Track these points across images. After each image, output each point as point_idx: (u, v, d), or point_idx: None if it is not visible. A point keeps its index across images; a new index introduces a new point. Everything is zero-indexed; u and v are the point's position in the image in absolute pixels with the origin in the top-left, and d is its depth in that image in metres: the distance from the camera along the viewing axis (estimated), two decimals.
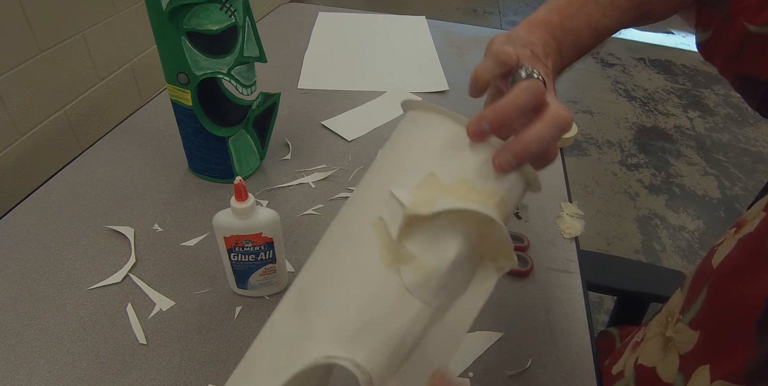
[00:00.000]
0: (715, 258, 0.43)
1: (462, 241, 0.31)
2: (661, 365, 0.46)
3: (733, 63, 0.43)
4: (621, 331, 0.71)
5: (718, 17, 0.43)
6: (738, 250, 0.40)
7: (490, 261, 0.33)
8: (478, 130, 0.31)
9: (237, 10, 0.61)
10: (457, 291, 0.32)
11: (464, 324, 0.32)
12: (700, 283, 0.44)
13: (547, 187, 0.78)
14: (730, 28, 0.42)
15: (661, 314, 0.49)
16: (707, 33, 0.44)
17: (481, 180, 0.31)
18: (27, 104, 0.92)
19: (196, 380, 0.50)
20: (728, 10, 0.42)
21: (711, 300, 0.41)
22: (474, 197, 0.31)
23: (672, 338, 0.45)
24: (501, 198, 0.31)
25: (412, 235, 0.30)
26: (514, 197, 0.33)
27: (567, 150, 0.89)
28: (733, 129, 2.54)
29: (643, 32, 3.55)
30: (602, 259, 0.96)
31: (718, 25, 0.43)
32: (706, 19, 0.44)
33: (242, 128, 0.71)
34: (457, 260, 0.30)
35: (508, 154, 0.31)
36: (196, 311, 0.57)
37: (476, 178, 0.31)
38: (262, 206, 0.52)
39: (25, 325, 0.54)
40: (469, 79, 0.35)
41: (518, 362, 0.54)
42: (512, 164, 0.31)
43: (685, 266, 1.77)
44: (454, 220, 0.30)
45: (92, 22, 1.04)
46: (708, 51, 0.46)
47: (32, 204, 0.69)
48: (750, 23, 0.40)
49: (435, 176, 0.30)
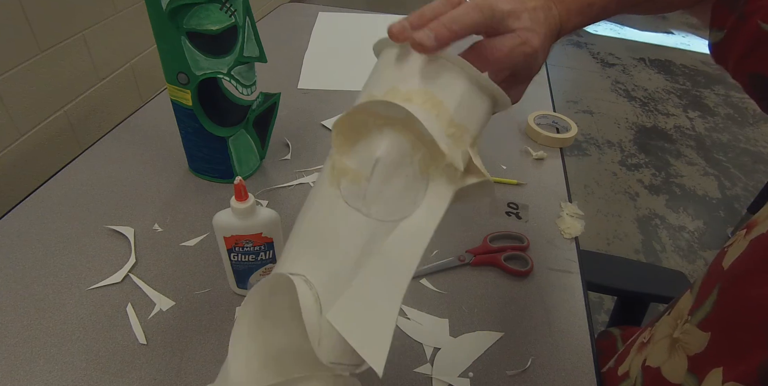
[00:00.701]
0: (726, 260, 0.43)
1: (388, 143, 0.31)
2: (666, 365, 0.46)
3: (746, 62, 0.43)
4: (623, 332, 0.71)
5: (733, 16, 0.43)
6: (749, 252, 0.40)
7: (441, 176, 0.32)
8: (399, 28, 0.32)
9: (237, 10, 0.61)
10: (399, 203, 0.31)
11: (419, 241, 0.31)
12: (711, 284, 0.43)
13: (547, 187, 0.79)
14: (744, 27, 0.42)
15: (670, 316, 0.49)
16: (722, 32, 0.45)
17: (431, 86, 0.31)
18: (27, 104, 0.92)
19: (196, 380, 0.50)
20: (743, 9, 0.42)
21: (722, 302, 0.41)
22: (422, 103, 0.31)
23: (679, 339, 0.45)
24: (442, 101, 0.31)
25: (350, 150, 0.32)
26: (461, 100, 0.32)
27: (567, 150, 0.89)
28: (733, 129, 2.54)
29: (643, 32, 3.55)
30: (602, 259, 0.96)
31: (732, 24, 0.43)
32: (722, 19, 0.45)
33: (242, 128, 0.71)
34: (384, 162, 0.30)
35: (425, 29, 0.32)
36: (196, 311, 0.57)
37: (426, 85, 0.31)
38: (262, 206, 0.52)
39: (25, 325, 0.54)
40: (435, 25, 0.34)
41: (518, 362, 0.54)
42: (429, 37, 0.32)
43: (685, 266, 1.77)
44: (381, 126, 0.31)
45: (92, 22, 1.04)
46: (721, 51, 0.46)
47: (32, 204, 0.69)
48: (764, 22, 0.40)
49: (395, 88, 0.31)
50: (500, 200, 0.76)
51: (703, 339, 0.42)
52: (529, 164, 0.84)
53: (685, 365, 0.44)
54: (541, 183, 0.80)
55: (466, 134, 0.32)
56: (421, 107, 0.30)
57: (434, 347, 0.55)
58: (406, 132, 0.31)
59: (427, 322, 0.58)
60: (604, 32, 3.52)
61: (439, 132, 0.30)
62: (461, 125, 0.32)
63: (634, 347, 0.55)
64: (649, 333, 0.54)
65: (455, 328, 0.57)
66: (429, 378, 0.52)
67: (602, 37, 3.44)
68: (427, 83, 0.31)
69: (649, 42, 3.41)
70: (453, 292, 0.62)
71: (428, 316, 0.58)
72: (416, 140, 0.31)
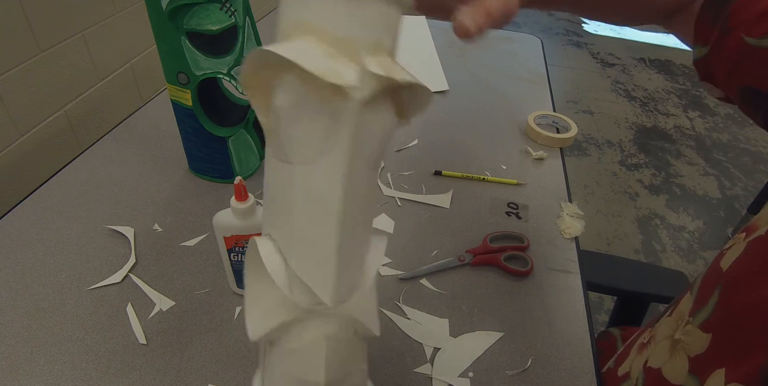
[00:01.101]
0: (724, 261, 0.43)
1: (283, 89, 0.29)
2: (667, 366, 0.46)
3: (734, 77, 0.43)
4: (623, 332, 0.71)
5: (717, 31, 0.43)
6: (748, 253, 0.40)
7: (340, 101, 0.29)
8: None
9: (237, 10, 0.61)
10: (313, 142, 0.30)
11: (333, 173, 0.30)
12: (711, 286, 0.44)
13: (547, 187, 0.79)
14: (728, 41, 0.42)
15: (671, 317, 0.49)
16: (705, 48, 0.44)
17: (305, 14, 0.29)
18: (27, 104, 0.92)
19: (196, 380, 0.50)
20: (726, 23, 0.42)
21: (723, 303, 0.41)
22: (302, 33, 0.29)
23: (680, 340, 0.45)
24: (307, 21, 0.28)
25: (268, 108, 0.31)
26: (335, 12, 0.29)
27: (567, 150, 0.89)
28: (733, 129, 2.54)
29: (643, 32, 3.55)
30: (602, 259, 0.96)
31: (716, 38, 0.43)
32: (705, 34, 0.44)
33: (242, 128, 0.71)
34: (282, 108, 0.29)
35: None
36: (196, 311, 0.57)
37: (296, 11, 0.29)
38: (262, 206, 0.52)
39: (25, 325, 0.54)
40: None
41: (518, 362, 0.54)
42: None
43: (685, 266, 1.77)
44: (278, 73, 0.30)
45: (92, 22, 1.04)
46: (706, 67, 0.45)
47: (32, 204, 0.69)
48: (748, 35, 0.40)
49: (283, 30, 0.30)
50: (500, 200, 0.76)
51: (704, 340, 0.42)
52: (529, 164, 0.84)
53: (686, 366, 0.44)
54: (541, 183, 0.80)
55: (357, 46, 0.29)
56: (297, 40, 0.28)
57: (434, 347, 0.55)
58: (295, 70, 0.28)
59: (427, 322, 0.58)
60: (604, 32, 3.52)
61: (312, 58, 0.27)
62: (346, 38, 0.28)
63: (635, 347, 0.55)
64: (649, 333, 0.54)
65: (455, 328, 0.57)
66: (429, 378, 0.52)
67: (602, 37, 3.44)
68: (296, 9, 0.29)
69: (649, 42, 3.42)
70: (453, 292, 0.62)
71: (428, 316, 0.58)
72: (303, 75, 0.28)
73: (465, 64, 1.11)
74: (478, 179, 0.79)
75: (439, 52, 1.14)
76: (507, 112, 0.97)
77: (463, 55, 1.15)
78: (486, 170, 0.81)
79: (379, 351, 0.54)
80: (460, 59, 1.13)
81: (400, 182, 0.78)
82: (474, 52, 1.17)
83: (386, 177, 0.78)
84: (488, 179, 0.79)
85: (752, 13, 0.41)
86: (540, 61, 1.18)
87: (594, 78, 2.93)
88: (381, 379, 0.52)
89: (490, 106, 0.98)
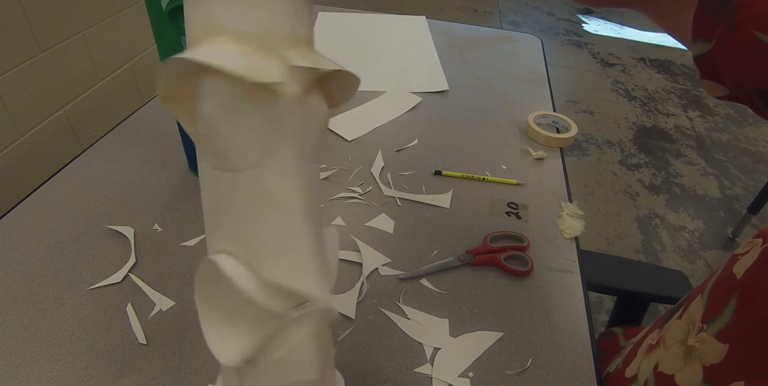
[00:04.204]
0: (737, 267, 0.42)
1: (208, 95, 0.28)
2: (680, 374, 0.45)
3: (744, 78, 0.38)
4: (625, 331, 0.71)
5: (721, 26, 0.38)
6: (766, 263, 0.39)
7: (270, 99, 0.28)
8: None
9: None
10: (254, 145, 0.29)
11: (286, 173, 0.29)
12: (724, 292, 0.42)
13: (547, 187, 0.79)
14: (735, 38, 0.37)
15: (681, 320, 0.48)
16: (708, 44, 0.39)
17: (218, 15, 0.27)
18: (27, 104, 0.92)
19: (196, 380, 0.50)
20: (733, 18, 0.37)
21: (740, 314, 0.40)
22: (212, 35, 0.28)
23: (695, 347, 0.44)
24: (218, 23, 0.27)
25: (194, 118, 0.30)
26: None
27: (567, 150, 0.89)
28: (733, 129, 2.54)
29: (643, 32, 3.55)
30: (602, 259, 0.96)
31: (721, 35, 0.38)
32: (706, 28, 0.39)
33: None
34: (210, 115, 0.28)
35: None
36: (196, 311, 0.57)
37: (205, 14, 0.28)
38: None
39: (25, 325, 0.54)
40: None
41: (518, 362, 0.54)
42: None
43: (685, 266, 1.77)
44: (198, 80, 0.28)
45: (92, 22, 1.04)
46: (709, 65, 0.40)
47: (32, 204, 0.69)
48: (760, 32, 0.35)
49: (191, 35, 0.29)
50: (500, 200, 0.76)
51: (720, 350, 0.41)
52: (529, 164, 0.84)
53: (700, 375, 0.43)
54: (541, 183, 0.80)
55: (273, 40, 0.28)
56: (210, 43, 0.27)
57: (434, 347, 0.55)
58: (216, 74, 0.27)
59: (427, 322, 0.58)
60: (604, 32, 3.52)
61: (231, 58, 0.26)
62: (259, 34, 0.27)
63: (642, 348, 0.55)
64: (657, 334, 0.53)
65: (455, 328, 0.57)
66: (429, 378, 0.52)
67: (602, 37, 3.44)
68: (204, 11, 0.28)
69: (649, 42, 3.41)
70: (453, 292, 0.62)
71: (428, 316, 0.58)
72: (227, 78, 0.27)
73: (465, 64, 1.11)
74: (478, 179, 0.79)
75: (439, 52, 1.14)
76: (507, 112, 0.97)
77: (463, 55, 1.15)
78: (486, 170, 0.81)
79: (379, 351, 0.54)
80: (460, 59, 1.13)
81: (400, 182, 0.78)
82: (474, 52, 1.17)
83: (386, 177, 0.78)
84: (488, 179, 0.79)
85: (765, 5, 0.35)
86: (540, 61, 1.18)
87: (594, 78, 2.93)
88: (381, 379, 0.52)
89: (490, 106, 0.98)
